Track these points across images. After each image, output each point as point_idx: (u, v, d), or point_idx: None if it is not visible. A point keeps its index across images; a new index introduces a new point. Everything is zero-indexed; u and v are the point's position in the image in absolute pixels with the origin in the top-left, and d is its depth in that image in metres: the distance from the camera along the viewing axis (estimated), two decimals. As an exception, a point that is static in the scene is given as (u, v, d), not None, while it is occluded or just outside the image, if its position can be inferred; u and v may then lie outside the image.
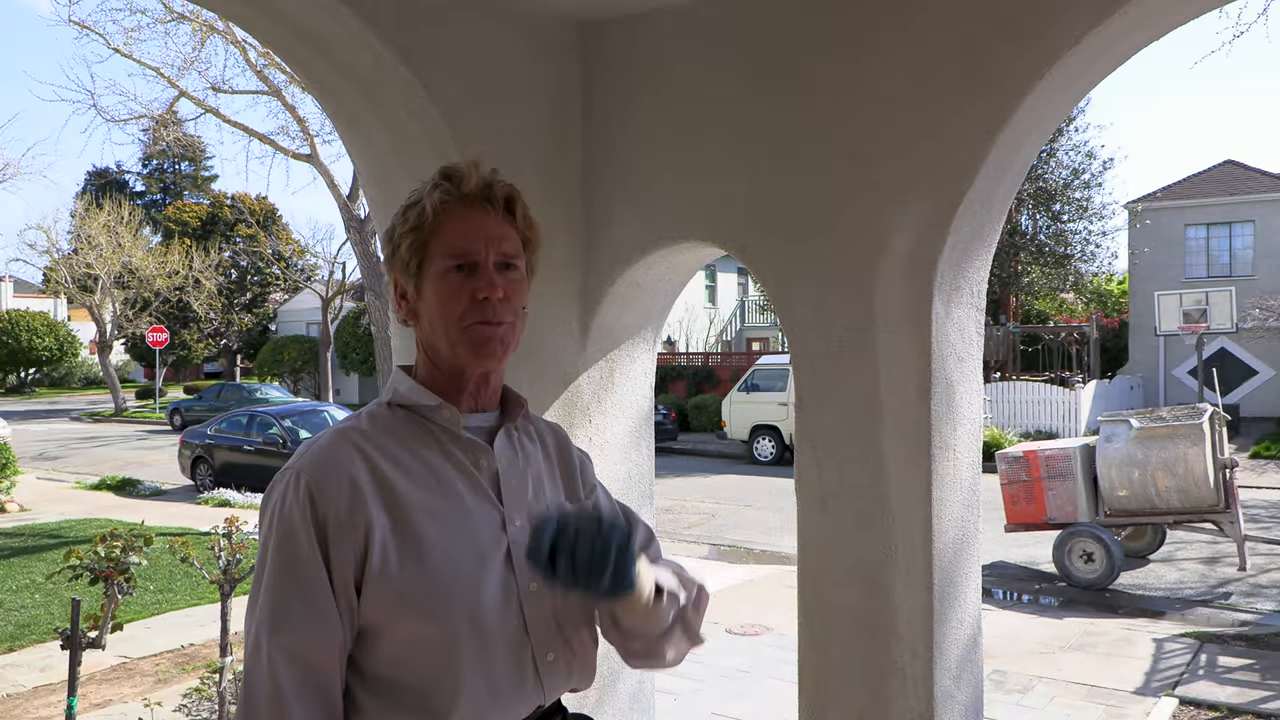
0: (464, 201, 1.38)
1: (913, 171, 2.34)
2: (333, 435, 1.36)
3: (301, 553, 1.27)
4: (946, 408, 2.40)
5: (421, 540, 1.30)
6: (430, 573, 1.29)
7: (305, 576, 1.27)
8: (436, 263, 1.37)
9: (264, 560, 1.31)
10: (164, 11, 12.72)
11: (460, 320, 1.36)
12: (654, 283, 2.91)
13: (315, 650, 1.26)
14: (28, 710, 5.72)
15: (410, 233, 1.38)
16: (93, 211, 31.18)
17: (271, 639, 1.26)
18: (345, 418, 1.44)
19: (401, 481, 1.32)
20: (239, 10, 2.31)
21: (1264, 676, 6.36)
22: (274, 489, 1.33)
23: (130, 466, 18.06)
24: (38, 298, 45.13)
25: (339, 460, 1.31)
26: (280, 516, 1.30)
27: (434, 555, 1.30)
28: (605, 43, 2.80)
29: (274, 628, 1.26)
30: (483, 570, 1.33)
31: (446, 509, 1.34)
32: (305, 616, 1.26)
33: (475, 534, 1.34)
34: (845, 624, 2.46)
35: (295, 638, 1.26)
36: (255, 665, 1.27)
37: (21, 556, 9.95)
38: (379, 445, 1.34)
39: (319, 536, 1.28)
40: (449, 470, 1.36)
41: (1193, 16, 2.36)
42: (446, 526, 1.32)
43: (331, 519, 1.28)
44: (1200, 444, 8.32)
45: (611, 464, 2.90)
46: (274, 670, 1.25)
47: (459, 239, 1.36)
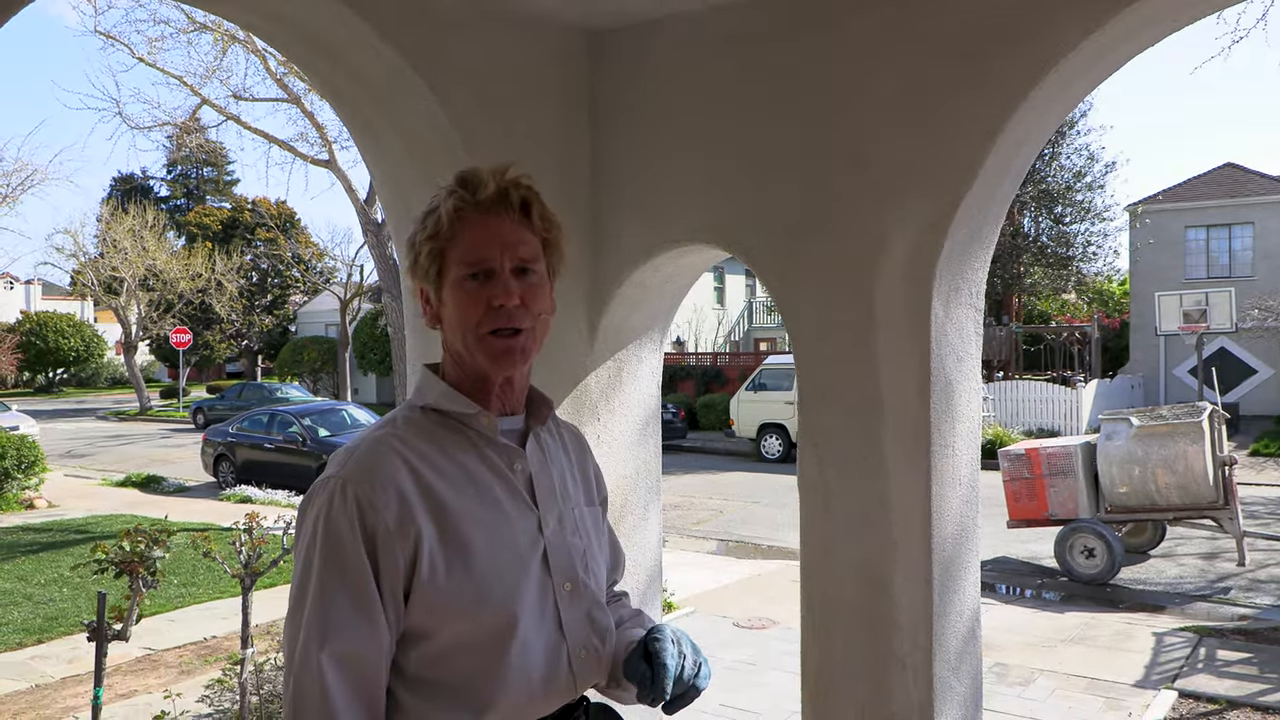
0: (479, 208, 1.37)
1: (912, 175, 2.39)
2: (374, 443, 1.35)
3: (350, 561, 1.27)
4: (946, 406, 2.45)
5: (468, 547, 1.32)
6: (477, 579, 1.31)
7: (354, 585, 1.27)
8: (454, 270, 1.37)
9: (308, 568, 1.29)
10: (187, 22, 12.91)
11: (477, 328, 1.36)
12: (660, 284, 2.97)
13: (365, 659, 1.27)
14: (56, 700, 5.85)
15: (428, 240, 1.38)
16: (118, 216, 31.59)
17: (323, 647, 1.25)
18: (380, 423, 1.42)
19: (445, 489, 1.33)
20: (255, 21, 2.40)
21: (1262, 670, 6.37)
22: (315, 497, 1.32)
23: (154, 464, 18.30)
24: (65, 300, 45.76)
25: (385, 469, 1.31)
26: (327, 526, 1.28)
27: (480, 562, 1.32)
28: (612, 49, 2.87)
29: (325, 636, 1.26)
30: (524, 574, 1.36)
31: (488, 515, 1.35)
32: (356, 625, 1.27)
33: (515, 538, 1.37)
34: (847, 618, 2.51)
35: (346, 646, 1.26)
36: (305, 674, 1.26)
37: (50, 551, 10.14)
38: (420, 452, 1.35)
39: (367, 546, 1.28)
40: (486, 475, 1.38)
41: (1188, 22, 2.39)
42: (489, 532, 1.34)
43: (381, 529, 1.28)
44: (1200, 442, 8.36)
45: (619, 461, 2.97)
46: (324, 680, 1.25)
47: (474, 247, 1.36)
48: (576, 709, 1.46)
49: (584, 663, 1.42)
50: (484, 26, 2.59)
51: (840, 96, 2.49)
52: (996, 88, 2.28)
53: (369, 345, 31.03)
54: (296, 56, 2.52)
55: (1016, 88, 2.25)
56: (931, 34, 2.36)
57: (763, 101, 2.61)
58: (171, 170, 49.69)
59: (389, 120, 2.58)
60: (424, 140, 2.57)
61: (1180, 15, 2.31)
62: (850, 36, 2.48)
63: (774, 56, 2.58)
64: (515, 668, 1.33)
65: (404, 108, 2.53)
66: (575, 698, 1.44)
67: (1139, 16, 2.19)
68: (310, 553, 1.30)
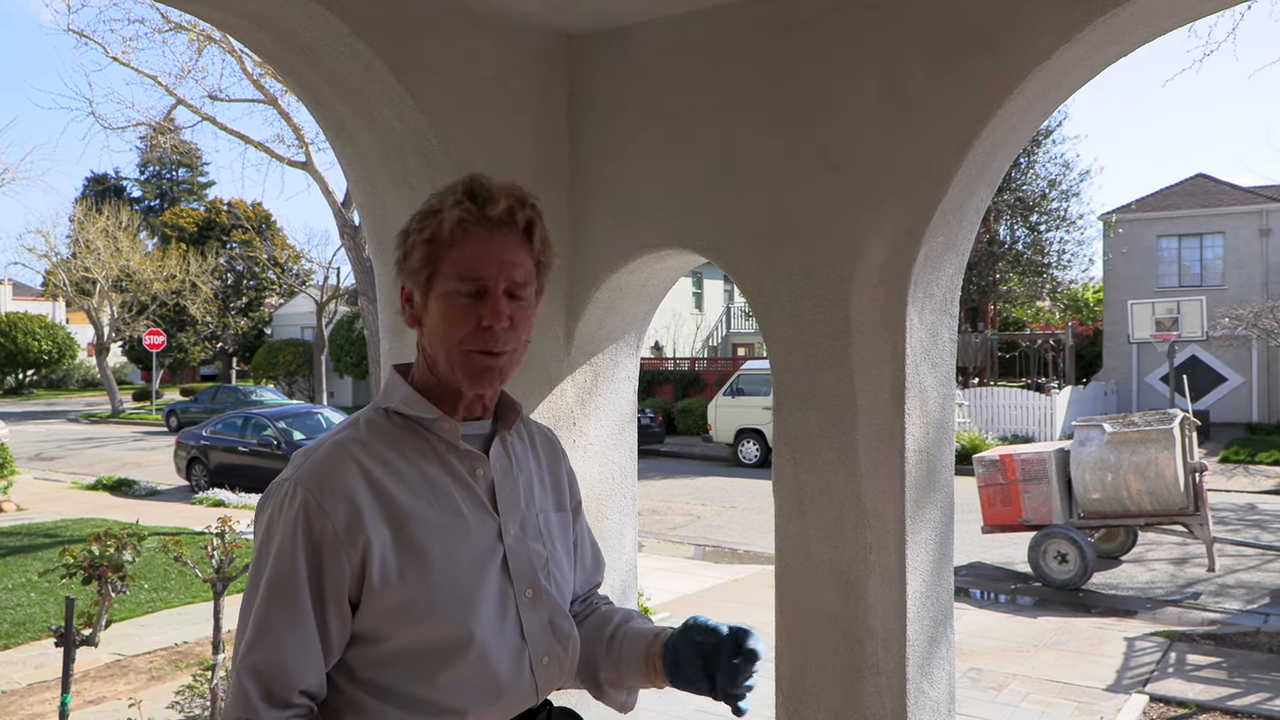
0: (484, 224, 1.34)
1: (886, 181, 2.41)
2: (331, 447, 1.34)
3: (288, 567, 1.28)
4: (920, 412, 2.46)
5: (422, 553, 1.31)
6: (431, 585, 1.30)
7: (288, 591, 1.27)
8: (446, 281, 1.34)
9: (258, 570, 1.30)
10: (162, 21, 12.79)
11: (461, 344, 1.34)
12: (637, 288, 2.97)
13: (284, 667, 1.27)
14: (22, 707, 5.76)
15: (425, 244, 1.34)
16: (91, 216, 31.24)
17: (248, 655, 1.27)
18: (343, 424, 1.41)
19: (401, 494, 1.32)
20: (229, 19, 2.37)
21: (1231, 674, 6.46)
22: (269, 499, 1.32)
23: (126, 467, 18.08)
24: (36, 300, 45.15)
25: (338, 474, 1.30)
26: (274, 529, 1.29)
27: (435, 568, 1.31)
28: (591, 54, 2.87)
29: (252, 644, 1.28)
30: (481, 580, 1.35)
31: (445, 521, 1.34)
32: (282, 633, 1.27)
33: (473, 545, 1.35)
34: (821, 622, 2.52)
35: (269, 655, 1.27)
36: (236, 678, 1.28)
37: (17, 555, 9.98)
38: (378, 456, 1.34)
39: (311, 552, 1.27)
40: (446, 481, 1.37)
41: (1160, 33, 2.42)
42: (446, 539, 1.33)
43: (328, 535, 1.27)
44: (1171, 449, 8.49)
45: (594, 465, 2.96)
46: (243, 685, 1.27)
47: (472, 262, 1.33)
48: (539, 713, 1.46)
49: (546, 669, 1.42)
50: (461, 28, 2.58)
51: (816, 102, 2.50)
52: (972, 94, 2.29)
53: (345, 348, 30.84)
54: (271, 56, 2.50)
55: (992, 94, 2.27)
56: (907, 40, 2.37)
57: (739, 106, 2.61)
58: (145, 171, 49.22)
59: (365, 121, 2.56)
60: (400, 141, 2.55)
61: (1152, 26, 2.34)
62: (827, 43, 2.49)
63: (751, 62, 2.59)
64: (473, 673, 1.33)
65: (380, 109, 2.51)
66: (537, 703, 1.44)
67: (1112, 27, 2.21)
68: (261, 556, 1.31)
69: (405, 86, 2.40)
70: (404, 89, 2.40)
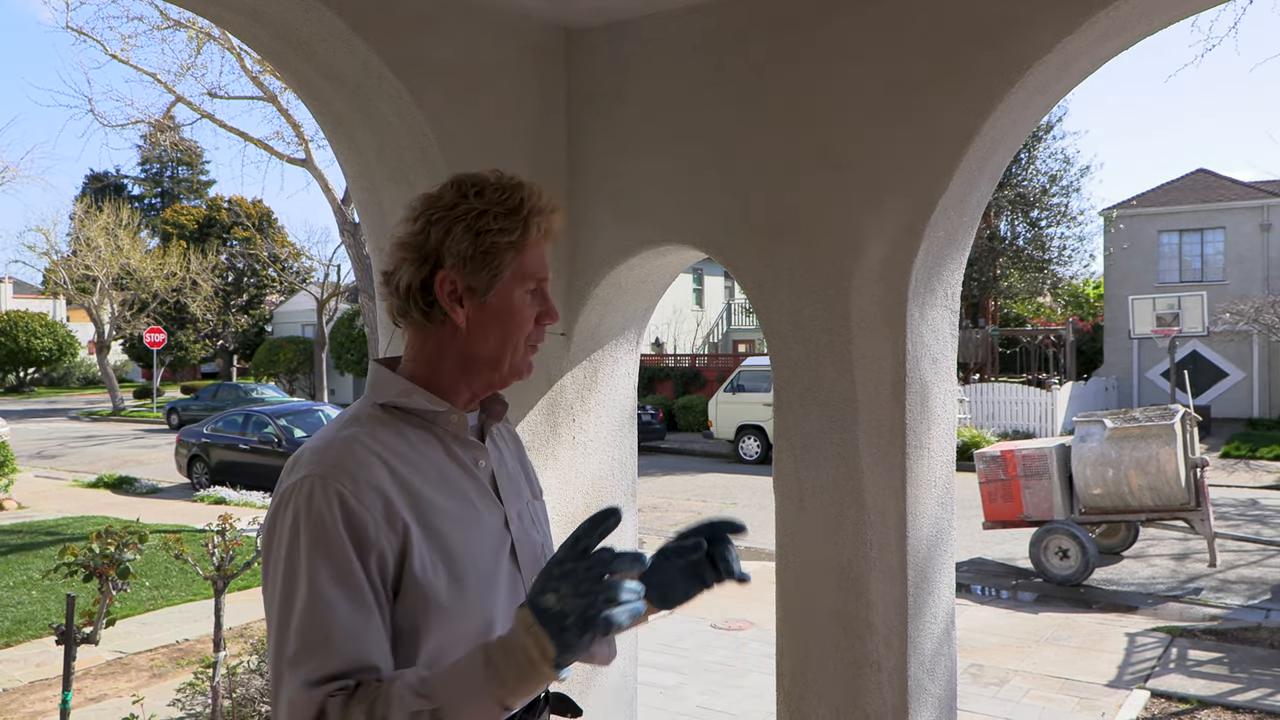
0: (548, 235, 1.41)
1: (887, 177, 2.40)
2: (345, 440, 1.30)
3: (341, 558, 1.22)
4: (921, 408, 2.46)
5: (447, 543, 1.30)
6: (459, 576, 1.30)
7: (351, 584, 1.22)
8: (519, 280, 1.38)
9: (293, 573, 1.22)
10: (160, 18, 12.77)
11: (527, 339, 1.40)
12: (636, 285, 2.96)
13: (367, 652, 1.21)
14: (23, 705, 5.76)
15: (510, 247, 1.36)
16: (92, 214, 31.24)
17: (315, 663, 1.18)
18: (344, 421, 1.37)
19: (421, 485, 1.31)
20: (226, 15, 2.36)
21: (1233, 670, 6.46)
22: (291, 498, 1.25)
23: (127, 465, 18.09)
24: (37, 299, 45.16)
25: (363, 464, 1.27)
26: (311, 524, 1.22)
27: (461, 559, 1.31)
28: (589, 48, 2.86)
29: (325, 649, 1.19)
30: (497, 569, 1.36)
31: (462, 511, 1.34)
32: (355, 627, 1.21)
33: (487, 534, 1.36)
34: (822, 619, 2.51)
35: (347, 656, 1.20)
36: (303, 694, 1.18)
37: (19, 553, 9.99)
38: (391, 448, 1.31)
39: (355, 542, 1.23)
40: (455, 471, 1.37)
41: (1161, 27, 2.41)
42: (465, 529, 1.33)
43: (370, 524, 1.23)
44: (1172, 444, 8.48)
45: (594, 462, 2.95)
46: (325, 703, 1.17)
47: (539, 264, 1.40)
48: (540, 699, 1.46)
49: None
50: (459, 23, 2.57)
51: (816, 97, 2.49)
52: (973, 89, 2.28)
53: (346, 345, 30.84)
54: (268, 52, 2.49)
55: (993, 89, 2.26)
56: (907, 35, 2.36)
57: (739, 102, 2.60)
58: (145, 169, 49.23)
59: (362, 117, 2.55)
60: (398, 137, 2.55)
61: (1154, 20, 2.33)
62: (827, 38, 2.48)
63: (751, 57, 2.58)
64: None
65: (377, 104, 2.50)
66: (543, 690, 1.44)
67: (1113, 20, 2.20)
68: (293, 556, 1.22)
69: (403, 82, 2.39)
70: (401, 84, 2.39)
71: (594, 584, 1.12)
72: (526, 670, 1.13)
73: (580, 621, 1.11)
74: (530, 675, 1.13)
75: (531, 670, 1.12)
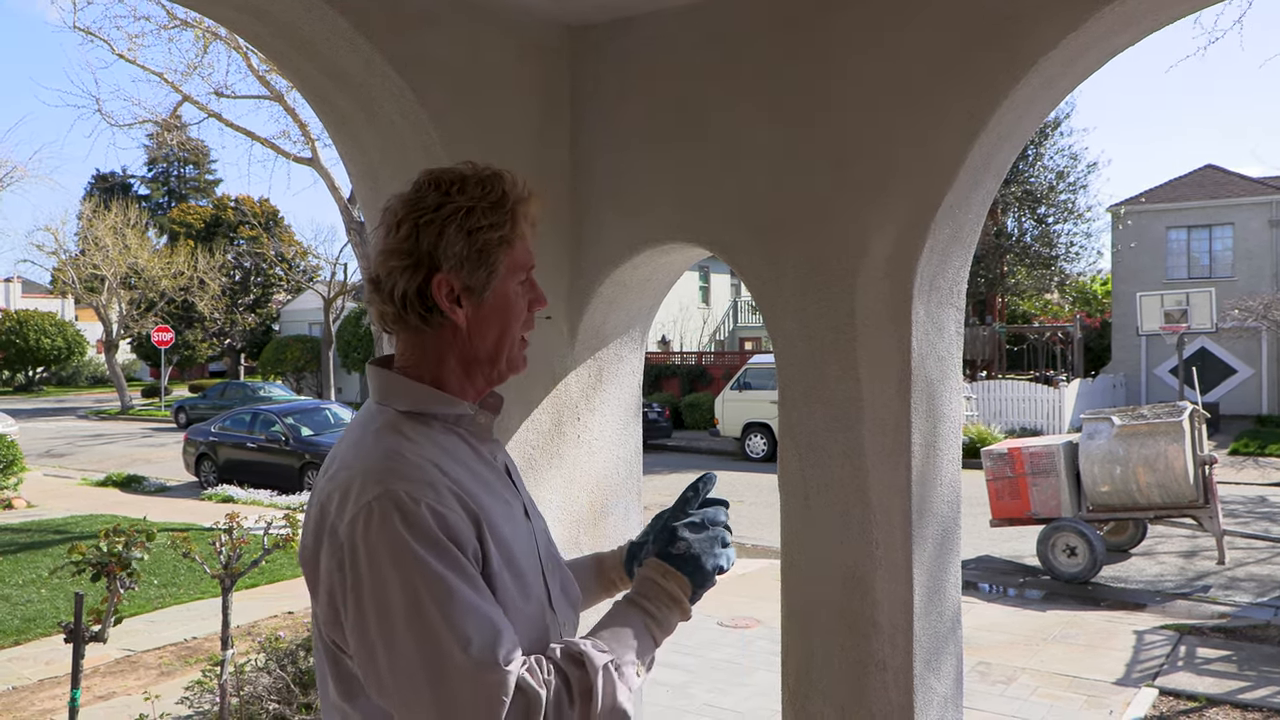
0: (529, 220, 1.40)
1: (892, 174, 2.39)
2: (397, 453, 1.27)
3: (453, 555, 1.21)
4: (927, 406, 2.45)
5: (503, 540, 1.31)
6: (519, 570, 1.32)
7: (467, 572, 1.21)
8: (514, 273, 1.37)
9: (407, 585, 1.17)
10: (167, 18, 12.79)
11: (522, 329, 1.40)
12: (641, 283, 2.95)
13: (513, 632, 1.22)
14: (33, 703, 5.79)
15: (500, 242, 1.34)
16: (100, 213, 31.35)
17: (496, 653, 1.18)
18: (373, 432, 1.32)
19: (471, 486, 1.30)
20: (230, 14, 2.36)
21: (1241, 668, 6.44)
22: (373, 516, 1.20)
23: (135, 463, 18.15)
24: (45, 298, 45.37)
25: (433, 476, 1.25)
26: (416, 534, 1.19)
27: (516, 553, 1.33)
28: (592, 45, 2.85)
29: (493, 641, 1.18)
30: (534, 559, 1.39)
31: (503, 509, 1.36)
32: (488, 606, 1.21)
33: (520, 527, 1.39)
34: (826, 618, 2.50)
35: (496, 639, 1.19)
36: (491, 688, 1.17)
37: (28, 552, 10.04)
38: (435, 456, 1.30)
39: (458, 546, 1.22)
40: (485, 470, 1.38)
41: (1167, 22, 2.40)
42: (510, 524, 1.35)
43: (460, 527, 1.23)
44: (1180, 441, 8.45)
45: (599, 461, 2.95)
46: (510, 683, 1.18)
47: (526, 254, 1.40)
48: None
49: (567, 635, 1.45)
50: (461, 21, 2.57)
51: (820, 94, 2.48)
52: (977, 85, 2.27)
53: (353, 344, 30.90)
54: (271, 51, 2.49)
55: (998, 85, 2.25)
56: (912, 31, 2.35)
57: (743, 99, 2.59)
58: (152, 168, 49.39)
59: (366, 115, 2.55)
60: (401, 136, 2.54)
61: (1160, 15, 2.32)
62: (830, 34, 2.47)
63: (755, 54, 2.57)
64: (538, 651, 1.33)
65: (381, 103, 2.50)
66: None
67: (1119, 14, 2.19)
68: (408, 569, 1.17)
69: (406, 80, 2.39)
70: (405, 83, 2.39)
71: (711, 531, 1.44)
72: (673, 608, 1.39)
73: (709, 560, 1.41)
74: (676, 611, 1.39)
75: (677, 606, 1.39)
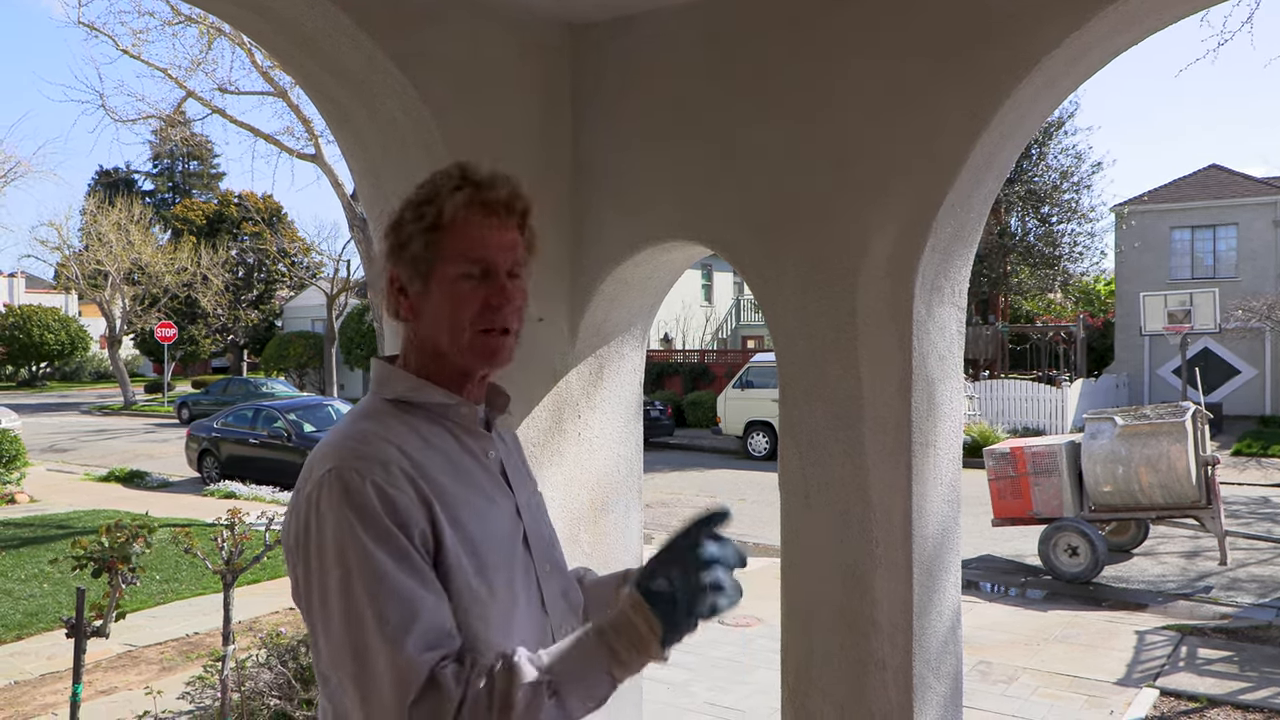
0: (486, 209, 1.37)
1: (893, 173, 2.38)
2: (362, 434, 1.32)
3: (392, 535, 1.22)
4: (927, 405, 2.45)
5: (469, 533, 1.31)
6: (483, 563, 1.32)
7: (405, 555, 1.22)
8: (452, 265, 1.36)
9: (343, 559, 1.21)
10: (171, 14, 12.81)
11: (473, 324, 1.36)
12: (642, 281, 2.96)
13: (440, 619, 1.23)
14: (35, 697, 5.80)
15: (426, 231, 1.36)
16: (103, 209, 31.38)
17: (397, 638, 1.19)
18: (354, 417, 1.38)
19: (438, 474, 1.32)
20: (232, 10, 2.36)
21: (1243, 668, 6.43)
22: (322, 495, 1.25)
23: (138, 459, 18.18)
24: (49, 293, 45.45)
25: (387, 456, 1.28)
26: (355, 511, 1.22)
27: (481, 545, 1.32)
28: (594, 44, 2.85)
29: (408, 626, 1.20)
30: (513, 556, 1.38)
31: (478, 501, 1.36)
32: (421, 591, 1.22)
33: (502, 522, 1.38)
34: (826, 617, 2.50)
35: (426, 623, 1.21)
36: (404, 669, 1.19)
37: (30, 546, 10.06)
38: (405, 441, 1.32)
39: (402, 527, 1.24)
40: (467, 462, 1.38)
41: (1171, 21, 2.39)
42: (482, 518, 1.35)
43: (409, 507, 1.25)
44: (1183, 441, 8.43)
45: (600, 459, 2.95)
46: (424, 672, 1.19)
47: (479, 246, 1.36)
48: None
49: None
50: (463, 17, 2.57)
51: (821, 93, 2.48)
52: (979, 84, 2.27)
53: (356, 340, 30.91)
54: (273, 47, 2.49)
55: (1000, 84, 2.24)
56: (913, 29, 2.35)
57: (744, 97, 2.59)
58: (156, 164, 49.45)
59: (368, 113, 2.55)
60: (403, 133, 2.54)
61: (1164, 14, 2.31)
62: (832, 32, 2.46)
63: (756, 52, 2.57)
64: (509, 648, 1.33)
65: (383, 100, 2.50)
66: None
67: (1122, 13, 2.18)
68: (344, 545, 1.22)
69: (408, 77, 2.39)
70: (407, 80, 2.39)
71: (701, 572, 1.22)
72: (637, 645, 1.22)
73: (687, 605, 1.22)
74: (640, 651, 1.23)
75: (641, 646, 1.22)
